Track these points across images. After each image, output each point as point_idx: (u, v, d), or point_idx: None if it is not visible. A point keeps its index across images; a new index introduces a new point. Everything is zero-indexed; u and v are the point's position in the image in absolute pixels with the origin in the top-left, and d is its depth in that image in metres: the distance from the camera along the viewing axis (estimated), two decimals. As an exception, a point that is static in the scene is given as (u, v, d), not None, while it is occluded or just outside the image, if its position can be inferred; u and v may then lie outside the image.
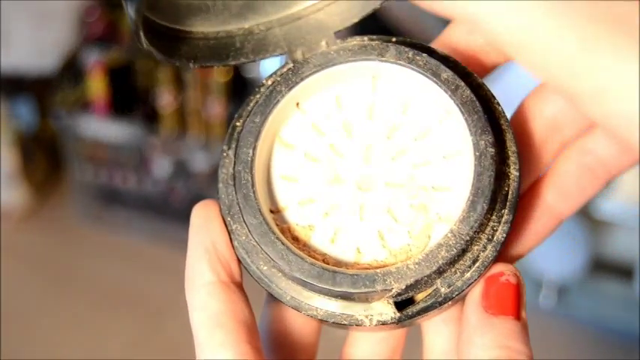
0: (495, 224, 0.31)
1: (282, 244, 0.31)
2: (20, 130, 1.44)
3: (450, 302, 0.31)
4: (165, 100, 1.33)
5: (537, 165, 0.35)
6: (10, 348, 1.21)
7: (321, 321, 0.32)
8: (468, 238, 0.30)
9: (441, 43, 0.36)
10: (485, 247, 0.31)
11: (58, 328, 1.27)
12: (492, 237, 0.31)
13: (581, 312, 1.20)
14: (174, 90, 1.32)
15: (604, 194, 1.13)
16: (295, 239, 0.33)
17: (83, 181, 1.46)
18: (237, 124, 0.34)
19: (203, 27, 0.34)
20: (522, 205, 0.35)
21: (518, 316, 0.30)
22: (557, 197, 0.35)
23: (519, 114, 0.35)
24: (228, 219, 0.33)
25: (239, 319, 0.31)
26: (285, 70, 0.35)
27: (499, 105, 0.33)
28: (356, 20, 0.35)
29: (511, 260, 0.34)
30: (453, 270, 0.31)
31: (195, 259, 0.32)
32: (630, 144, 0.25)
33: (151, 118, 1.35)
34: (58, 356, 1.19)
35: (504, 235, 0.31)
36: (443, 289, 0.31)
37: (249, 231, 0.32)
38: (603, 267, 1.20)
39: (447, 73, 0.33)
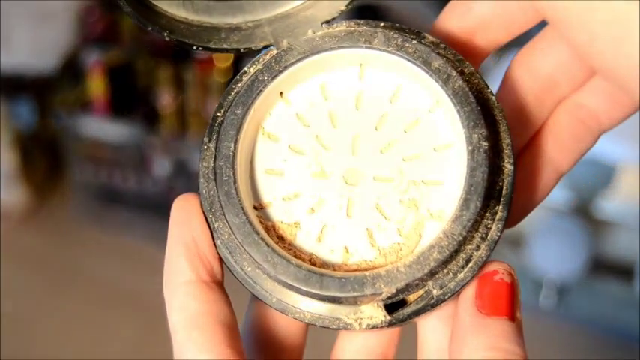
0: (489, 222, 0.30)
1: (267, 244, 0.30)
2: (20, 130, 1.44)
3: (442, 304, 0.30)
4: (166, 100, 1.32)
5: (535, 124, 0.34)
6: (10, 348, 1.20)
7: (309, 324, 0.31)
8: (460, 238, 0.29)
9: (437, 29, 0.34)
10: (478, 247, 0.30)
11: (58, 328, 1.27)
12: (486, 235, 0.30)
13: (581, 312, 1.19)
14: (174, 90, 1.32)
15: (604, 194, 1.13)
16: (280, 238, 0.32)
17: (83, 181, 1.45)
18: (218, 114, 0.33)
19: (187, 14, 0.34)
20: (524, 160, 0.34)
21: (512, 317, 0.29)
22: (555, 150, 0.34)
23: (511, 77, 0.34)
24: (210, 216, 0.31)
25: (219, 321, 0.29)
26: (267, 57, 0.33)
27: (492, 95, 0.32)
28: (343, 8, 0.34)
29: (518, 219, 0.34)
30: (445, 271, 0.30)
31: (174, 256, 0.30)
32: (629, 89, 0.25)
33: (151, 118, 1.35)
34: (58, 356, 1.19)
35: (499, 233, 0.30)
36: (435, 291, 0.30)
37: (232, 230, 0.30)
38: (603, 267, 1.20)
39: (437, 62, 0.31)
